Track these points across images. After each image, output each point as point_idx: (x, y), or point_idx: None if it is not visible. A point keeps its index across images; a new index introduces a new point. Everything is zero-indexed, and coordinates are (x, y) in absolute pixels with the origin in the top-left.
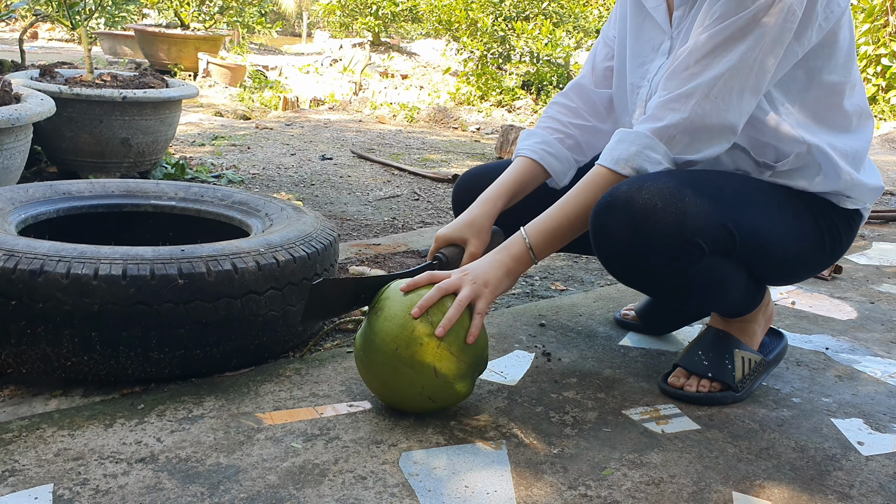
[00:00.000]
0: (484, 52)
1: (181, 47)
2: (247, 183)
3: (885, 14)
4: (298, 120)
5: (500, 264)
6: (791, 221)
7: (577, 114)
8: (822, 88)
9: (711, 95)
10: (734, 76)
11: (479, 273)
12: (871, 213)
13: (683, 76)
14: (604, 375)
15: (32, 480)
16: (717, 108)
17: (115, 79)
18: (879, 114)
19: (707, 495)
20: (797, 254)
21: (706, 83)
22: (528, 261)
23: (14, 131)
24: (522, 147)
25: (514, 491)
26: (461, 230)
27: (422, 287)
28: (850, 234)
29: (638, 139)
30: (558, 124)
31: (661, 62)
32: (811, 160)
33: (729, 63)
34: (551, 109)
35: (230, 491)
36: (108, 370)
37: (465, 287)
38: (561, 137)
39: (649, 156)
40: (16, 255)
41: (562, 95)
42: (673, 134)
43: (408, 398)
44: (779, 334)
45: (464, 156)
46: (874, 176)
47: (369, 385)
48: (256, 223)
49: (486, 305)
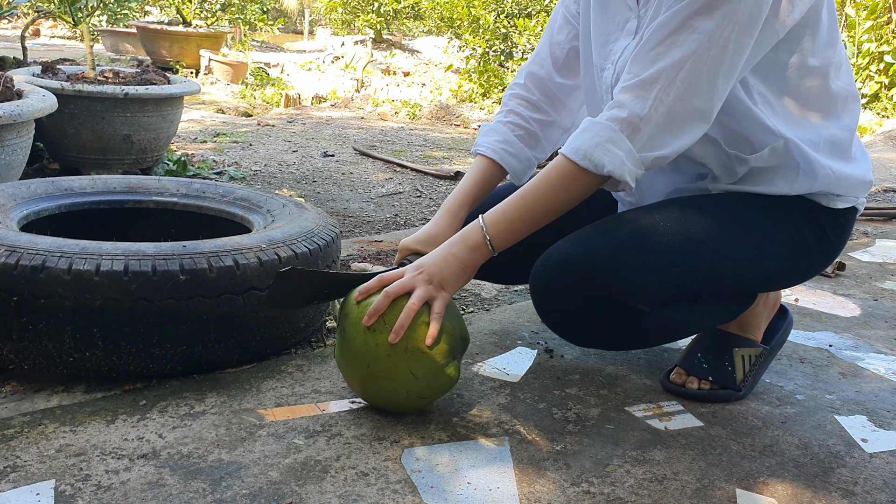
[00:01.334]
0: (486, 49)
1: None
2: (248, 180)
3: (888, 11)
4: (300, 117)
5: (456, 259)
6: (762, 239)
7: (537, 107)
8: (805, 72)
9: (678, 80)
10: (704, 57)
11: (434, 271)
12: (875, 211)
13: (648, 57)
14: (606, 372)
15: (34, 476)
16: (685, 93)
17: (118, 75)
18: (883, 111)
19: (710, 492)
20: (779, 268)
21: (672, 66)
22: (487, 252)
23: (16, 127)
24: (482, 144)
25: (517, 488)
26: (424, 244)
27: (374, 293)
28: (841, 233)
29: (602, 131)
30: (519, 119)
31: (626, 42)
32: (789, 158)
33: (697, 42)
34: (511, 102)
35: (232, 487)
36: (109, 366)
37: (418, 288)
38: (522, 134)
39: (610, 150)
40: (17, 250)
41: (520, 87)
42: (636, 125)
43: (399, 403)
44: (783, 311)
45: (466, 153)
46: (863, 165)
47: (360, 396)
48: (258, 219)
49: (442, 306)
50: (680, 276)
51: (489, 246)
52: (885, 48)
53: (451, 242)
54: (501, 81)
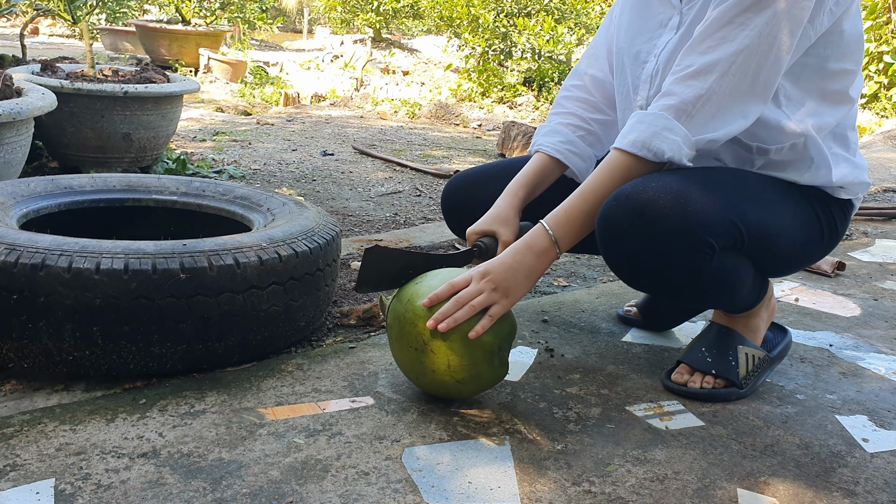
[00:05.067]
0: (485, 48)
1: (182, 43)
2: (248, 178)
3: (887, 11)
4: (299, 116)
5: (522, 266)
6: (792, 212)
7: (597, 108)
8: (827, 76)
9: (731, 72)
10: (754, 51)
11: (500, 279)
12: (875, 210)
13: (699, 50)
14: (607, 371)
15: (34, 475)
16: (737, 85)
17: (117, 74)
18: (881, 111)
19: (712, 492)
20: (799, 245)
21: (726, 58)
22: (553, 254)
23: (15, 125)
24: (545, 144)
25: (518, 487)
26: (490, 223)
27: (444, 300)
28: (844, 224)
29: (655, 120)
30: (579, 120)
31: (669, 37)
32: (805, 154)
33: (749, 37)
34: (570, 104)
35: (232, 486)
36: (109, 365)
37: (483, 294)
38: (583, 135)
39: (667, 137)
40: (17, 249)
41: (578, 88)
42: (691, 111)
43: (440, 386)
44: (783, 330)
45: (465, 152)
46: (863, 164)
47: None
48: (258, 218)
49: (500, 312)
50: (741, 221)
51: (556, 247)
52: (885, 48)
53: (515, 250)
54: (501, 81)
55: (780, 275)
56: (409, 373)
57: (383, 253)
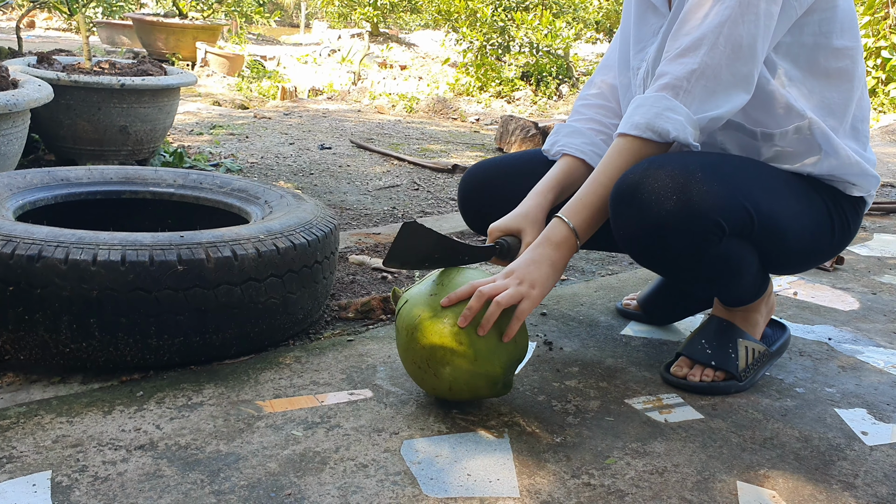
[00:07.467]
0: (483, 42)
1: (179, 37)
2: (245, 172)
3: (885, 6)
4: (297, 109)
5: (545, 258)
6: (803, 206)
7: (616, 114)
8: (830, 54)
9: (720, 43)
10: (738, 21)
11: (524, 273)
12: (873, 205)
13: (684, 31)
14: (606, 365)
15: (30, 467)
16: (728, 56)
17: (114, 66)
18: (879, 106)
19: (711, 484)
20: (809, 241)
21: (712, 31)
22: (573, 245)
23: (11, 117)
24: (569, 146)
25: (517, 479)
26: (517, 221)
27: (464, 300)
28: (856, 221)
29: (656, 102)
30: (600, 125)
31: (657, 42)
32: (811, 140)
33: (728, 7)
34: (589, 111)
35: (230, 478)
36: (106, 357)
37: (510, 288)
38: (605, 138)
39: (670, 117)
40: (13, 240)
41: (596, 96)
42: (687, 87)
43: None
44: (781, 326)
45: (463, 146)
46: (873, 156)
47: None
48: (256, 210)
49: (530, 307)
50: (753, 207)
51: (574, 235)
52: (883, 43)
53: (536, 245)
54: (498, 75)
55: (786, 271)
56: (412, 376)
57: (420, 230)
